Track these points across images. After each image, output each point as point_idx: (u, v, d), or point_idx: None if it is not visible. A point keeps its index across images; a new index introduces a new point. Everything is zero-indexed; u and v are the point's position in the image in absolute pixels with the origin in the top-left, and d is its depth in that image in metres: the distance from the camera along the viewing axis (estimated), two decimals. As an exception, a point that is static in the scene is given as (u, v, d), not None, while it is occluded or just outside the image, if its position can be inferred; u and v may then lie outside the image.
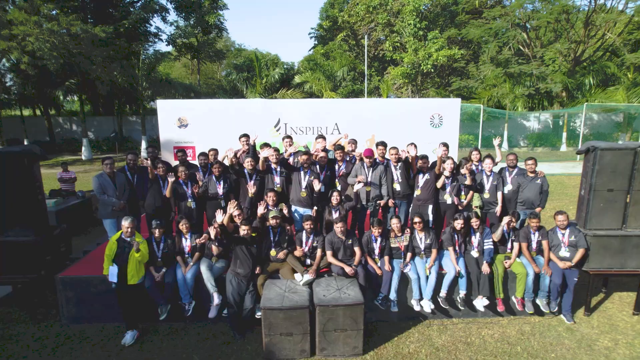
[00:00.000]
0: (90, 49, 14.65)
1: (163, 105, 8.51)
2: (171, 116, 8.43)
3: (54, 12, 14.25)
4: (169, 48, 23.58)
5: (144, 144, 20.16)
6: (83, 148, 19.71)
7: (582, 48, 19.68)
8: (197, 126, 8.38)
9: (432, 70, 19.50)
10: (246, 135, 6.11)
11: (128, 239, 4.62)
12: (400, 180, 5.68)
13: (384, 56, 22.93)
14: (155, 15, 20.66)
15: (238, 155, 5.68)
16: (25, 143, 19.78)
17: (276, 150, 5.62)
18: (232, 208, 4.79)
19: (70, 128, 23.48)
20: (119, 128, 22.81)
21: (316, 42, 28.89)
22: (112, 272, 4.63)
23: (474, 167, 5.77)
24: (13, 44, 12.56)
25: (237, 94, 21.03)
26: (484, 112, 17.69)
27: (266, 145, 5.80)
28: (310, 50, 29.19)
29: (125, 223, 4.63)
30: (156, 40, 22.92)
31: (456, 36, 19.71)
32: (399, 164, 5.67)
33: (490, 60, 18.96)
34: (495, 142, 6.23)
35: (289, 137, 6.31)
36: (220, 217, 4.80)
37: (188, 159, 6.45)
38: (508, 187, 5.68)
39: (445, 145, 5.83)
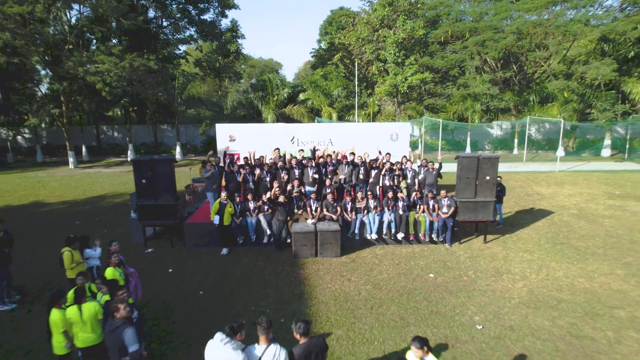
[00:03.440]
0: (145, 76, 19.45)
1: (220, 127, 13.22)
2: (225, 134, 13.15)
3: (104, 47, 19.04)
4: (196, 69, 28.55)
5: (178, 149, 24.97)
6: (129, 152, 24.49)
7: (531, 70, 24.50)
8: (242, 140, 13.05)
9: (408, 90, 24.46)
10: (277, 149, 10.94)
11: (225, 202, 9.38)
12: (362, 172, 10.46)
13: (373, 75, 27.89)
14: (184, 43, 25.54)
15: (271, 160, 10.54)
16: (83, 148, 24.54)
17: (294, 158, 10.42)
18: (275, 187, 9.59)
19: (112, 135, 28.28)
20: (153, 135, 27.62)
21: (316, 62, 33.90)
22: (216, 219, 9.38)
23: (403, 166, 10.55)
24: (97, 77, 17.40)
25: (254, 109, 25.96)
26: (446, 125, 22.46)
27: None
28: (312, 68, 34.04)
29: (223, 195, 9.40)
30: (181, 61, 27.85)
31: (427, 63, 24.67)
32: (363, 163, 10.46)
33: (453, 83, 23.84)
34: (409, 150, 11.04)
35: (302, 150, 11.07)
36: (269, 192, 9.59)
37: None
38: (420, 176, 10.46)
39: (388, 154, 10.62)
